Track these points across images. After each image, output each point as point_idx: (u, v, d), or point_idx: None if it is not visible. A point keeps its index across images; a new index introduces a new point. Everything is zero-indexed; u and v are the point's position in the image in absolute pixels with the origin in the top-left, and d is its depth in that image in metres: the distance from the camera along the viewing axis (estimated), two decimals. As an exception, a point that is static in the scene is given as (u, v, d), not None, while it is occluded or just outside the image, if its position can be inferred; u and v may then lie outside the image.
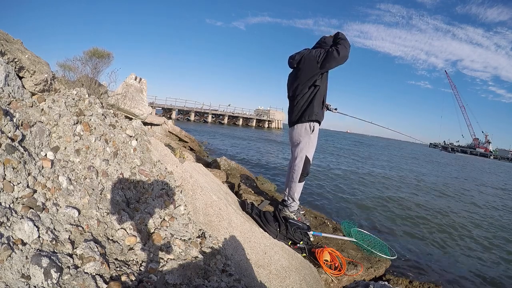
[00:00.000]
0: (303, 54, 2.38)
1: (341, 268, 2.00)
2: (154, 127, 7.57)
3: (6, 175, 0.93)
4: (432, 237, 3.71)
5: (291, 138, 2.54)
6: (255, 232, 1.73)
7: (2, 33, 1.30)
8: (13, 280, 0.75)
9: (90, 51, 3.85)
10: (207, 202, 1.64)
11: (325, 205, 4.55)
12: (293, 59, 2.43)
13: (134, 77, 5.07)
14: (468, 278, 2.73)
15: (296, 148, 2.46)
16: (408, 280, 2.25)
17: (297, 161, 2.42)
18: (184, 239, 1.29)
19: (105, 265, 0.94)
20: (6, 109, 1.06)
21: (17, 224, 0.86)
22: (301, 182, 2.47)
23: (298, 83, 2.37)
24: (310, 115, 2.33)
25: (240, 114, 37.48)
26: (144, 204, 1.34)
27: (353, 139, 46.58)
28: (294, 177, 2.44)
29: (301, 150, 2.41)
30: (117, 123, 1.52)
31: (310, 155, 2.42)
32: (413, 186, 7.79)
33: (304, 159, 2.40)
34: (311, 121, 2.35)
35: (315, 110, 2.33)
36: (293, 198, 2.53)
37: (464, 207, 5.99)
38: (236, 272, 1.31)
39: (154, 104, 28.02)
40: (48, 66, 1.33)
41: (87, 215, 1.10)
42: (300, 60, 2.37)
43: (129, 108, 4.47)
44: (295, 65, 2.42)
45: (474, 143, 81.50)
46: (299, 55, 2.39)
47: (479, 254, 3.38)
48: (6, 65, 1.12)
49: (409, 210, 5.01)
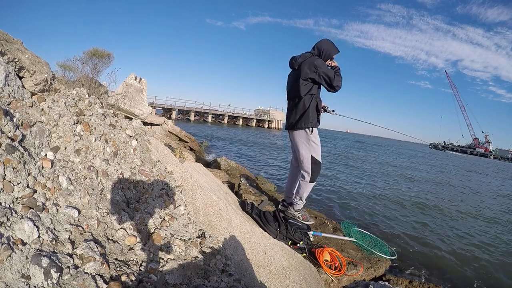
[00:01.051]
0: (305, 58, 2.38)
1: (341, 268, 2.00)
2: (154, 127, 7.57)
3: (6, 175, 0.93)
4: (432, 237, 3.71)
5: (292, 142, 2.57)
6: (255, 232, 1.73)
7: (2, 33, 1.30)
8: (13, 280, 0.75)
9: (90, 51, 3.85)
10: (207, 202, 1.64)
11: (325, 205, 4.55)
12: (295, 60, 2.44)
13: (134, 77, 5.07)
14: (468, 278, 2.73)
15: (299, 151, 2.49)
16: (408, 280, 2.25)
17: (305, 162, 2.46)
18: (184, 239, 1.29)
19: (105, 265, 0.94)
20: (6, 109, 1.06)
21: (17, 224, 0.86)
22: (312, 182, 2.49)
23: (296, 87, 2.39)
24: (306, 123, 2.39)
25: (240, 114, 37.48)
26: (144, 204, 1.34)
27: (353, 139, 46.52)
28: (306, 177, 2.47)
29: (304, 152, 2.44)
30: (117, 123, 1.52)
31: (315, 154, 2.45)
32: (413, 186, 7.79)
33: (311, 159, 2.44)
34: (308, 128, 2.41)
35: (311, 118, 2.39)
36: (301, 198, 2.55)
37: (464, 207, 5.99)
38: (236, 272, 1.31)
39: (154, 104, 28.02)
40: (48, 66, 1.33)
41: (87, 215, 1.10)
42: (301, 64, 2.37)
43: (129, 108, 4.47)
44: (296, 67, 2.44)
45: (474, 143, 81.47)
46: (302, 58, 2.40)
47: (479, 254, 3.38)
48: (6, 65, 1.12)
49: (409, 210, 5.02)
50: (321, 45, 2.42)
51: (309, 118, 2.38)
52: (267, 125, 38.22)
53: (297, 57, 2.45)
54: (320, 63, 2.29)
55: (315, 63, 2.28)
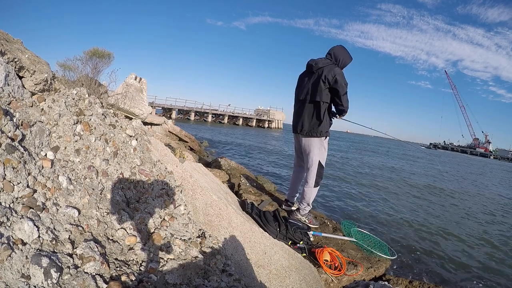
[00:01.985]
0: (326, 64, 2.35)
1: (341, 268, 2.00)
2: (154, 127, 7.57)
3: (6, 175, 0.93)
4: (433, 237, 3.71)
5: (301, 147, 2.56)
6: (255, 232, 1.73)
7: (2, 33, 1.30)
8: (13, 280, 0.75)
9: (90, 51, 3.85)
10: (207, 202, 1.64)
11: (325, 204, 4.55)
12: (315, 64, 2.40)
13: (134, 77, 5.07)
14: (468, 278, 2.73)
15: (308, 156, 2.50)
16: (408, 280, 2.25)
17: (312, 168, 2.48)
18: (184, 239, 1.29)
19: (105, 265, 0.94)
20: (6, 108, 1.06)
21: (17, 224, 0.86)
22: (316, 187, 2.53)
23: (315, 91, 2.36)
24: (323, 131, 2.42)
25: (240, 114, 37.49)
26: (144, 204, 1.34)
27: (352, 139, 46.48)
28: (310, 183, 2.50)
29: (314, 157, 2.47)
30: (117, 123, 1.52)
31: (322, 160, 2.49)
32: (413, 185, 7.79)
33: (318, 165, 2.47)
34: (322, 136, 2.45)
35: (327, 127, 2.44)
36: (308, 203, 2.57)
37: (464, 207, 5.99)
38: (236, 272, 1.31)
39: (154, 104, 28.02)
40: (48, 66, 1.33)
41: (87, 215, 1.10)
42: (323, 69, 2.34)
43: (129, 108, 4.48)
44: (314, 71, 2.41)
45: (474, 143, 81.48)
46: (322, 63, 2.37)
47: (480, 254, 3.39)
48: (6, 65, 1.12)
49: (409, 210, 5.01)
50: (338, 53, 2.40)
51: (325, 127, 2.42)
52: (267, 125, 38.22)
53: (317, 60, 2.41)
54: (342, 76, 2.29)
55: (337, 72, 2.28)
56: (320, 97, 2.33)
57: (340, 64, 2.39)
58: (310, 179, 2.49)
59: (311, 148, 2.47)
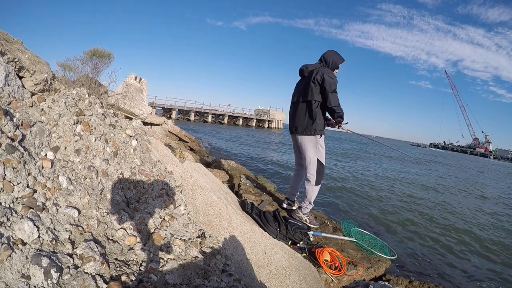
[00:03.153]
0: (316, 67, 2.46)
1: (341, 268, 2.00)
2: (154, 127, 7.57)
3: (6, 175, 0.93)
4: (432, 237, 3.71)
5: (298, 147, 2.61)
6: (255, 232, 1.73)
7: (2, 33, 1.30)
8: (13, 280, 0.75)
9: (90, 51, 3.85)
10: (207, 202, 1.64)
11: (325, 204, 4.55)
12: (306, 68, 2.54)
13: (134, 77, 5.07)
14: (468, 278, 2.73)
15: (305, 154, 2.54)
16: (408, 280, 2.25)
17: (310, 166, 2.51)
18: (184, 239, 1.29)
19: (105, 265, 0.94)
20: (6, 109, 1.06)
21: (17, 224, 0.86)
22: (317, 185, 2.55)
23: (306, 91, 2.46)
24: (316, 129, 2.47)
25: (240, 114, 37.47)
26: (144, 204, 1.34)
27: (354, 140, 46.47)
28: (311, 181, 2.53)
29: (311, 156, 2.51)
30: (117, 123, 1.52)
31: (321, 158, 2.52)
32: (413, 185, 7.79)
33: (317, 162, 2.50)
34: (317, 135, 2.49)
35: (320, 124, 2.48)
36: (310, 201, 2.60)
37: (464, 207, 5.99)
38: (236, 272, 1.31)
39: (154, 104, 28.01)
40: (48, 66, 1.33)
41: (87, 215, 1.10)
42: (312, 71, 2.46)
43: (129, 108, 4.48)
44: (306, 74, 2.53)
45: (474, 143, 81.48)
46: (312, 67, 2.50)
47: (480, 255, 3.38)
48: (6, 65, 1.12)
49: (409, 210, 5.01)
50: (328, 56, 2.52)
51: (319, 125, 2.47)
52: (267, 125, 38.21)
53: (308, 65, 2.55)
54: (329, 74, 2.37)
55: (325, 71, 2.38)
56: (312, 97, 2.41)
57: (331, 65, 2.50)
58: (311, 177, 2.52)
59: (307, 146, 2.51)
